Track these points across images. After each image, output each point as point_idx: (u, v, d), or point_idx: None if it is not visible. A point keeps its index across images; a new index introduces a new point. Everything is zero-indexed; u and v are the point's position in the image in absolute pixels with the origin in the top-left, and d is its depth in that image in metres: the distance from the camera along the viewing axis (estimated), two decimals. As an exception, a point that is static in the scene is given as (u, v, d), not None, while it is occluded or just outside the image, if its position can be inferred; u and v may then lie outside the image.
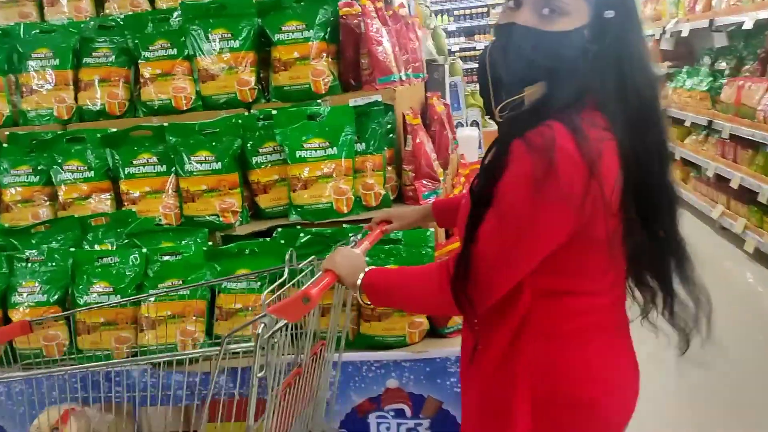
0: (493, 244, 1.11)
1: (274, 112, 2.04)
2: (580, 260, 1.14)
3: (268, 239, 1.94)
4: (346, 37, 2.17)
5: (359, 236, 1.65)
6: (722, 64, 5.74)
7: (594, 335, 1.20)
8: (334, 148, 2.00)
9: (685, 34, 5.89)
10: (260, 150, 2.08)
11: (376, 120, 2.07)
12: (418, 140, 2.06)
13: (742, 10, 4.78)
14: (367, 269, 1.27)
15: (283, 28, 2.11)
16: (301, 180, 2.00)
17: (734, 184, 4.76)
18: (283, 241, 1.93)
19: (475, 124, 4.37)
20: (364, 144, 2.06)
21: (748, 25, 4.54)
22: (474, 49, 10.23)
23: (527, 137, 1.06)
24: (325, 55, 2.12)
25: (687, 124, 5.95)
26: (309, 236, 1.89)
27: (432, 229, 1.90)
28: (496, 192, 1.10)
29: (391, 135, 2.12)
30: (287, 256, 1.52)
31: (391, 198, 2.10)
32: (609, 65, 1.10)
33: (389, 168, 2.11)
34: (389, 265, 1.82)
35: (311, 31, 2.10)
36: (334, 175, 2.00)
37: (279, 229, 1.96)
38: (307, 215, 2.02)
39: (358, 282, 1.26)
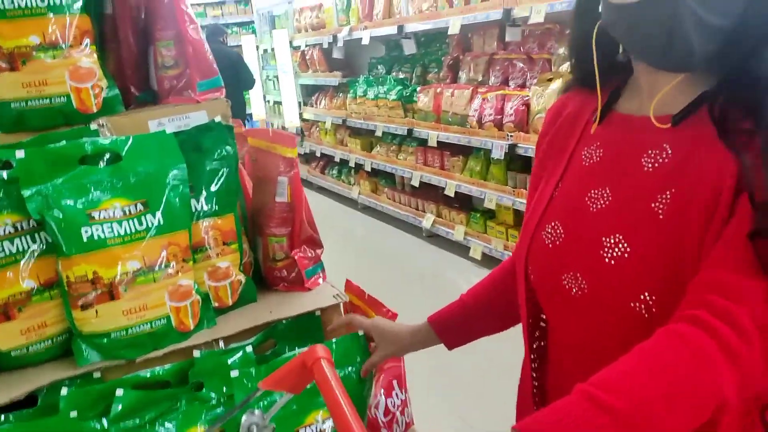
0: None
1: (20, 155, 0.98)
2: None
3: (31, 410, 0.92)
4: (123, 10, 1.21)
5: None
6: (406, 72, 5.85)
7: None
8: (156, 214, 1.05)
9: (365, 41, 5.81)
10: (-17, 234, 1.00)
11: (215, 153, 1.17)
12: (294, 184, 1.23)
13: (430, 17, 4.83)
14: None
15: (-3, -12, 1.06)
16: (96, 285, 1.00)
17: (450, 192, 4.79)
18: (75, 413, 0.95)
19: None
20: (202, 200, 1.15)
21: (451, 29, 4.58)
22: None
23: None
24: (88, 42, 1.14)
25: (378, 133, 5.90)
26: (135, 395, 0.95)
27: (361, 332, 1.14)
28: None
29: (236, 178, 1.24)
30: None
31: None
32: None
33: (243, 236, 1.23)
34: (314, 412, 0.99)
35: (60, -6, 1.09)
36: (162, 264, 1.05)
37: (64, 391, 0.95)
38: (116, 351, 1.03)
39: None
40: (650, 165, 0.86)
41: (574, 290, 0.90)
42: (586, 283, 0.89)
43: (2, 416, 0.96)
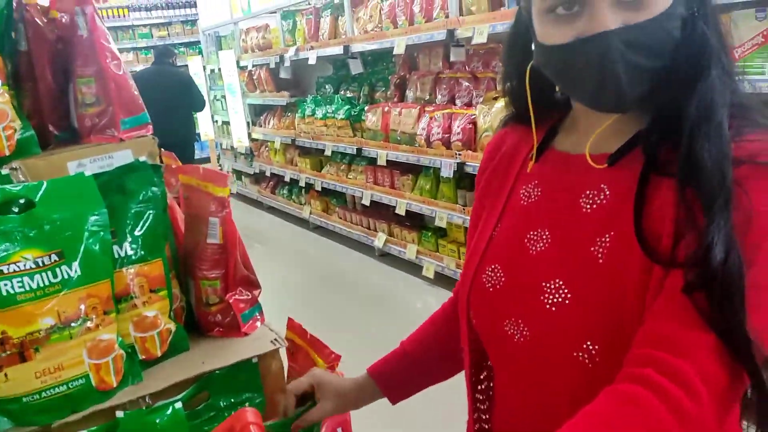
0: None
1: None
2: None
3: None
4: (39, 46, 1.14)
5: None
6: (353, 91, 5.83)
7: None
8: (73, 265, 0.98)
9: (312, 61, 5.77)
10: None
11: (140, 195, 1.10)
12: (227, 225, 1.17)
13: (375, 38, 4.83)
14: None
15: None
16: (5, 346, 0.92)
17: (401, 211, 4.77)
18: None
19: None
20: (126, 246, 1.08)
21: (397, 49, 4.58)
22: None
23: (763, 161, 0.72)
24: (0, 82, 1.07)
25: (327, 153, 5.86)
26: None
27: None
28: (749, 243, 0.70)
29: (164, 220, 1.17)
30: None
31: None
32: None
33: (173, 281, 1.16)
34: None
35: (-36, 30, 1.02)
36: (80, 319, 0.98)
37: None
38: (30, 416, 0.95)
39: None
40: (588, 206, 0.84)
41: (517, 336, 0.87)
42: (527, 329, 0.86)
43: None
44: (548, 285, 0.84)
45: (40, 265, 0.96)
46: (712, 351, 0.67)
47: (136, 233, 1.08)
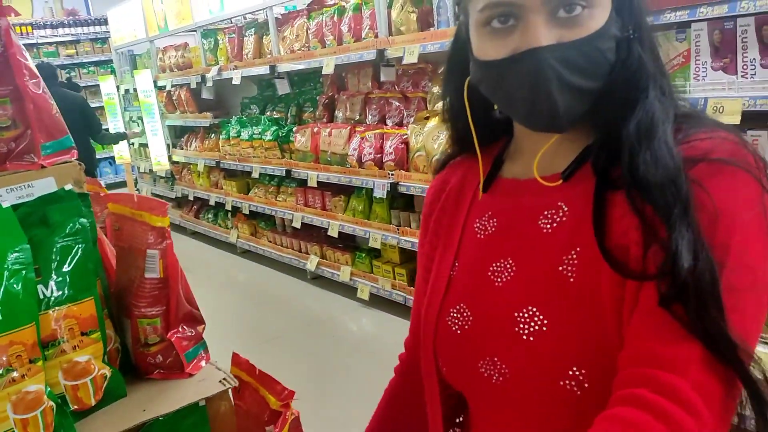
0: (757, 314, 0.69)
1: None
2: None
3: None
4: (-56, 61, 1.01)
5: None
6: (280, 111, 5.72)
7: None
8: (-9, 310, 0.86)
9: (236, 81, 5.64)
10: None
11: (66, 227, 0.99)
12: (168, 258, 1.06)
13: (303, 57, 4.77)
14: None
15: None
16: None
17: (333, 232, 4.69)
18: None
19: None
20: (52, 284, 0.96)
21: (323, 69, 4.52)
22: None
23: (718, 157, 0.71)
24: None
25: (255, 175, 5.72)
26: None
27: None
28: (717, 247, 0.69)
29: (95, 254, 1.06)
30: None
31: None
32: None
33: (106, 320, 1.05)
34: None
35: None
36: (3, 370, 0.86)
37: None
38: (-58, 486, 0.82)
39: None
40: (549, 226, 0.81)
41: (495, 377, 0.82)
42: (506, 367, 0.81)
43: None
44: (521, 315, 0.80)
45: (-48, 311, 0.83)
46: (701, 362, 0.64)
47: (64, 270, 0.97)
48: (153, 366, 1.09)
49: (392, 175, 3.98)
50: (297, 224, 5.19)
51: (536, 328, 0.78)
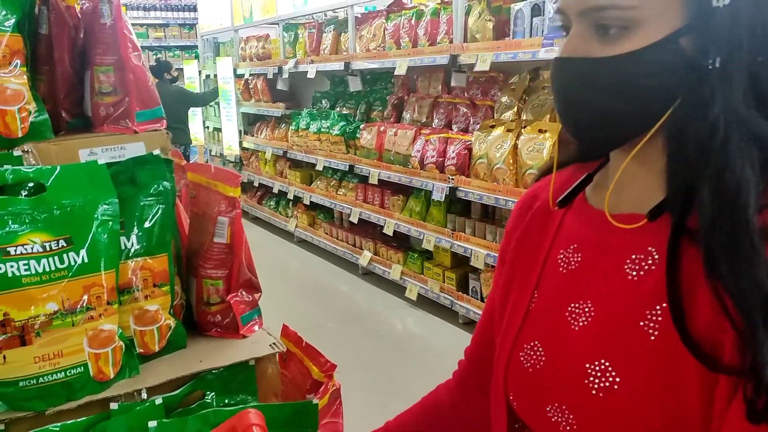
0: None
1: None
2: None
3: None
4: (60, 31, 1.14)
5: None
6: (350, 108, 5.85)
7: None
8: (80, 252, 0.97)
9: (311, 75, 5.80)
10: None
11: (151, 188, 1.10)
12: (235, 226, 1.16)
13: (377, 57, 4.87)
14: None
15: None
16: (6, 328, 0.91)
17: (388, 230, 4.77)
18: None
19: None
20: (133, 238, 1.07)
21: (397, 70, 4.62)
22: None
23: None
24: (19, 63, 1.06)
25: (319, 167, 5.86)
26: None
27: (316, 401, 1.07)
28: None
29: (172, 216, 1.16)
30: None
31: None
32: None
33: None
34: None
35: (-9, 9, 1.02)
36: (83, 307, 0.96)
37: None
38: (24, 401, 0.93)
39: None
40: (635, 273, 0.73)
41: (562, 425, 0.77)
42: (573, 418, 0.75)
43: None
44: (592, 367, 0.73)
45: (48, 249, 0.94)
46: None
47: (145, 226, 1.07)
48: (212, 324, 1.19)
49: (452, 179, 4.03)
50: (354, 219, 5.29)
51: (607, 384, 0.72)
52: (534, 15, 3.54)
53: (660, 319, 0.69)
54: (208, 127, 9.05)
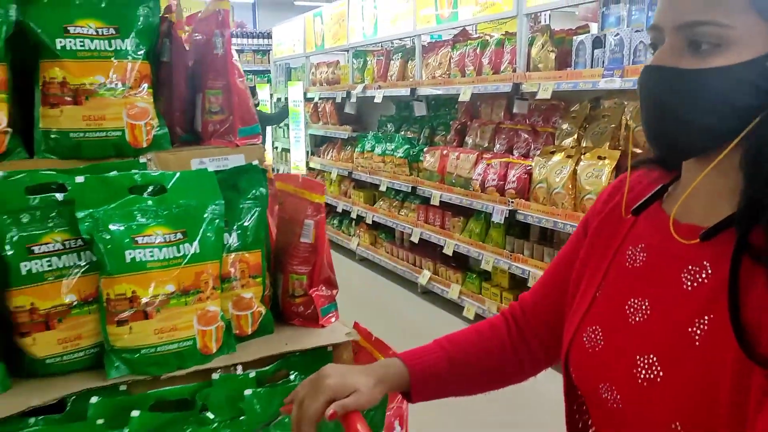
0: None
1: (80, 180, 1.09)
2: None
3: (59, 416, 1.02)
4: (179, 59, 1.34)
5: None
6: (414, 132, 6.04)
7: None
8: (193, 244, 1.16)
9: (378, 100, 6.03)
10: (35, 249, 1.09)
11: (249, 193, 1.28)
12: (319, 228, 1.33)
13: (442, 84, 5.04)
14: None
15: (71, 29, 1.19)
16: (133, 304, 1.09)
17: (448, 251, 4.90)
18: (102, 421, 1.03)
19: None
20: (234, 235, 1.25)
21: (461, 96, 4.78)
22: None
23: None
24: (146, 85, 1.26)
25: (382, 188, 6.05)
26: (149, 417, 1.05)
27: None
28: None
29: (266, 217, 1.34)
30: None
31: (263, 317, 1.31)
32: None
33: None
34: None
35: (127, 40, 1.22)
36: (194, 290, 1.15)
37: (94, 399, 1.03)
38: (144, 367, 1.11)
39: None
40: (690, 283, 0.80)
41: (610, 402, 0.86)
42: (620, 398, 0.85)
43: (33, 419, 1.04)
44: (642, 359, 0.82)
45: (168, 240, 1.13)
46: None
47: (244, 225, 1.26)
48: (295, 314, 1.35)
49: (512, 202, 4.13)
50: (415, 239, 5.44)
51: (651, 376, 0.80)
52: (595, 47, 3.64)
53: (706, 328, 0.76)
54: (276, 148, 9.43)
